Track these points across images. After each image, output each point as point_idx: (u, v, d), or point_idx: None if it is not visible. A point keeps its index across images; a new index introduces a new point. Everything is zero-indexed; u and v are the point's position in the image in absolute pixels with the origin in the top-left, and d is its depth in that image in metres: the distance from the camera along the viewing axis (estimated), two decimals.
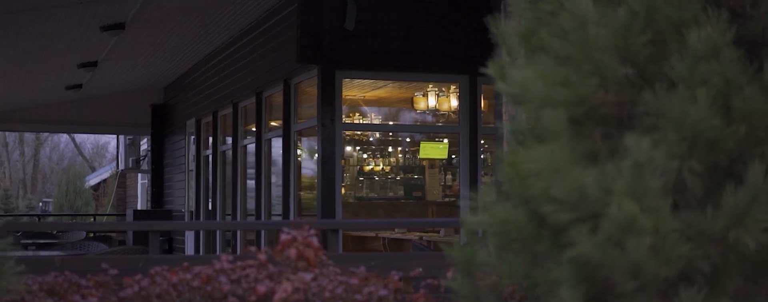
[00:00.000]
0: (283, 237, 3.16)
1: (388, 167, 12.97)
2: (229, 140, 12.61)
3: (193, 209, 14.69)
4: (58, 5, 7.79)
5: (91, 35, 10.13)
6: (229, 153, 12.61)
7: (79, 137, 39.18)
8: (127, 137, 19.90)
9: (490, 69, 2.67)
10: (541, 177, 2.37)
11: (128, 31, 10.11)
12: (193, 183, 14.72)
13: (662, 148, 2.22)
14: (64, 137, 40.37)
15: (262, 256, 3.29)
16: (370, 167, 12.90)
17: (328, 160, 8.53)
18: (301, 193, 10.02)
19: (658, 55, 2.42)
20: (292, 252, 3.14)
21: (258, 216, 10.90)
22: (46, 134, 39.01)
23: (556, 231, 2.42)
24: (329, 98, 8.65)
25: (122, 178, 25.61)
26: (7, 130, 30.17)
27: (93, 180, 30.29)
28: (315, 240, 3.26)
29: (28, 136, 40.01)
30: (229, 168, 12.67)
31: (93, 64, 12.48)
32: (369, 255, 4.66)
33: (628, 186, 2.19)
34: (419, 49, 9.06)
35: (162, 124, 17.28)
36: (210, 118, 13.61)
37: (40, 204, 31.87)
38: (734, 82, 2.31)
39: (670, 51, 2.39)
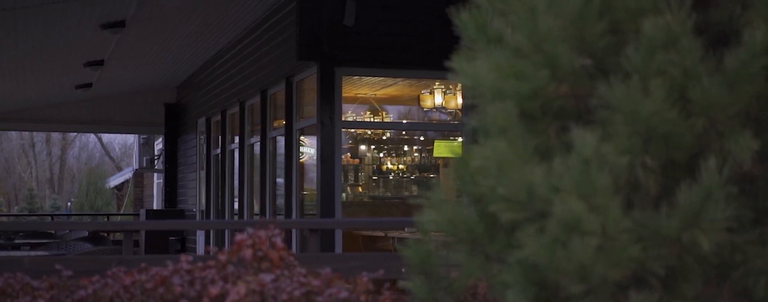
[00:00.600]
0: (239, 237, 3.06)
1: (403, 166, 12.85)
2: (237, 139, 12.55)
3: (203, 208, 14.64)
4: (53, 1, 7.73)
5: (93, 34, 10.08)
6: (237, 152, 12.54)
7: (108, 137, 38.95)
8: (142, 136, 19.87)
9: (453, 62, 2.57)
10: (489, 175, 2.25)
11: (130, 30, 10.05)
12: (203, 183, 14.68)
13: (612, 143, 2.09)
14: (92, 137, 40.14)
15: (222, 257, 3.19)
16: (385, 166, 12.79)
17: (327, 159, 8.40)
18: (305, 192, 9.91)
19: (618, 46, 2.30)
20: (247, 252, 3.03)
21: (263, 214, 10.82)
22: (73, 134, 38.82)
23: (508, 231, 2.31)
24: (328, 96, 8.52)
25: (139, 178, 25.60)
26: (18, 130, 30.27)
27: (116, 180, 30.42)
28: (279, 240, 3.15)
29: (55, 136, 39.84)
30: (236, 167, 12.61)
31: (99, 63, 12.45)
32: (350, 256, 4.55)
33: (575, 184, 2.06)
34: (419, 46, 8.90)
35: (175, 123, 17.23)
36: (219, 117, 13.56)
37: (69, 204, 32.00)
38: (692, 73, 2.17)
39: (628, 40, 2.27)
